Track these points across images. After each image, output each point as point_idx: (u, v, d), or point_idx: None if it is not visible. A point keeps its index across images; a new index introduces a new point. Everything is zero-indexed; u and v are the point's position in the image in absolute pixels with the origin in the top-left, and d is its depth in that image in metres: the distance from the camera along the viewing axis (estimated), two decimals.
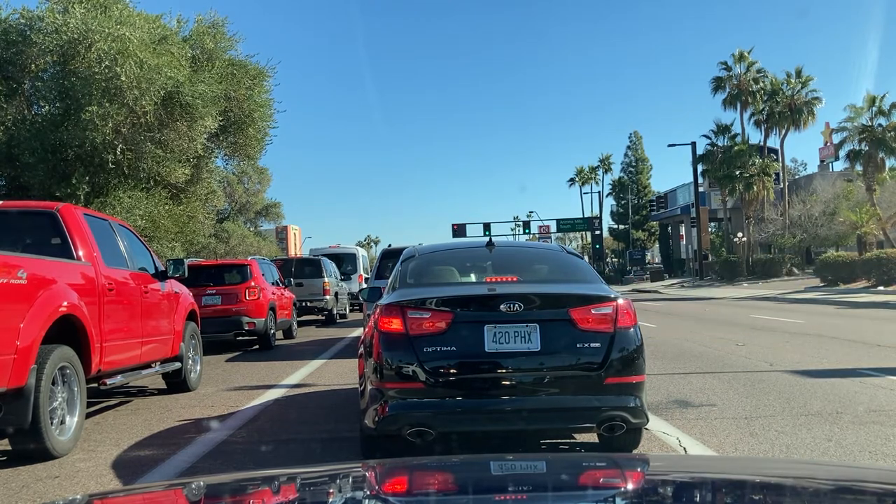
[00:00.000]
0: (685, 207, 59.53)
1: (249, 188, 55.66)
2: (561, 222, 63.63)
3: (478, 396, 4.91)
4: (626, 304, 5.08)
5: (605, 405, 4.88)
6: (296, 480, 2.18)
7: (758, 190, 44.50)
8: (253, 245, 50.05)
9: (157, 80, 16.39)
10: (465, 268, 6.02)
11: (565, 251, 6.38)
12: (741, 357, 10.96)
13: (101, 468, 5.55)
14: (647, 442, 5.62)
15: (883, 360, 10.18)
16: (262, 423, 7.18)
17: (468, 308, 5.00)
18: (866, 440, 5.78)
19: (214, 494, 2.16)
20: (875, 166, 37.39)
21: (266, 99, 20.93)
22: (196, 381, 9.53)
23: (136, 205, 17.85)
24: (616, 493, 2.00)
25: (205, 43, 19.33)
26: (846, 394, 7.69)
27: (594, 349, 4.89)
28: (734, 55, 47.65)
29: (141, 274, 8.08)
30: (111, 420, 7.53)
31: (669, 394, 7.93)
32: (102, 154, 16.96)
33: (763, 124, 47.44)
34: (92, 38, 16.04)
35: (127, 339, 7.40)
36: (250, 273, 14.81)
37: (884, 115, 37.28)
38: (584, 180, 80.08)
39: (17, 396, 5.38)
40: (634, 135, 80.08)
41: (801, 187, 51.38)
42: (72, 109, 16.55)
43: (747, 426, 6.34)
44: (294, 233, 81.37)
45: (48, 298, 5.76)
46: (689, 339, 13.96)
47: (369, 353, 5.14)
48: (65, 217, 6.86)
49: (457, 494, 2.09)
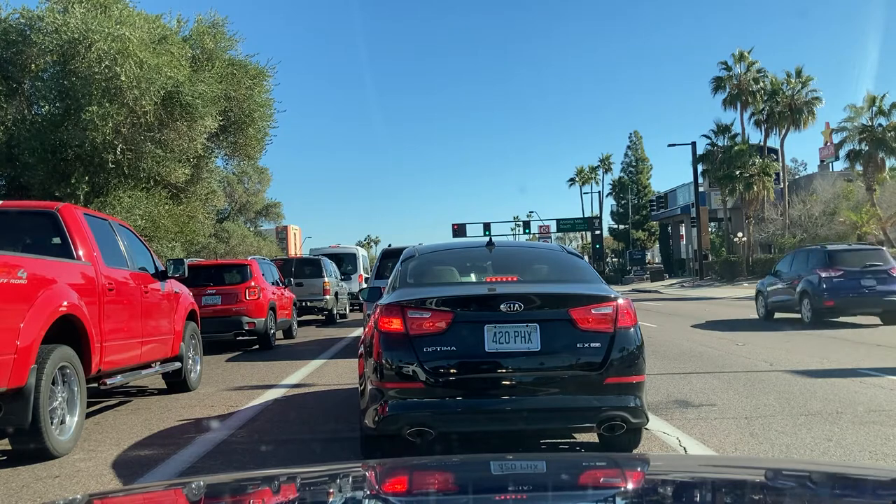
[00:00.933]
0: (685, 207, 59.52)
1: (249, 188, 55.65)
2: (561, 222, 63.60)
3: (478, 396, 4.91)
4: (626, 304, 5.08)
5: (605, 405, 4.88)
6: (296, 480, 2.18)
7: (758, 190, 44.49)
8: (253, 245, 50.03)
9: (157, 79, 16.40)
10: (466, 268, 6.02)
11: (565, 251, 6.38)
12: (741, 357, 10.96)
13: (101, 468, 5.55)
14: (647, 442, 5.62)
15: (883, 359, 10.19)
16: (262, 423, 7.18)
17: (468, 308, 5.00)
18: (866, 440, 5.78)
19: (214, 494, 2.16)
20: (875, 166, 37.43)
21: (266, 99, 20.94)
22: (196, 381, 9.53)
23: (136, 205, 17.85)
24: (616, 493, 2.00)
25: (205, 43, 19.34)
26: (846, 394, 7.69)
27: (594, 349, 4.89)
28: (734, 55, 47.66)
29: (141, 274, 8.08)
30: (111, 420, 7.53)
31: (669, 394, 7.93)
32: (102, 154, 16.97)
33: (763, 124, 47.42)
34: (92, 38, 16.05)
35: (127, 339, 7.40)
36: (250, 273, 14.81)
37: (884, 115, 37.32)
38: (584, 180, 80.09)
39: (17, 396, 5.38)
40: (634, 135, 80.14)
41: (801, 187, 51.37)
42: (72, 109, 16.56)
43: (747, 426, 6.34)
44: (294, 233, 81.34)
45: (48, 298, 5.76)
46: (690, 339, 13.96)
47: (369, 353, 5.14)
48: (65, 217, 6.86)
49: (457, 494, 2.09)
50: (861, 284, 15.57)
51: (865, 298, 15.58)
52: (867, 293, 15.52)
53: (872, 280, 15.58)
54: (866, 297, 15.57)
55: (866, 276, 15.66)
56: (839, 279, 15.65)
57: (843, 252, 16.81)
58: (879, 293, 15.45)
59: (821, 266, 16.15)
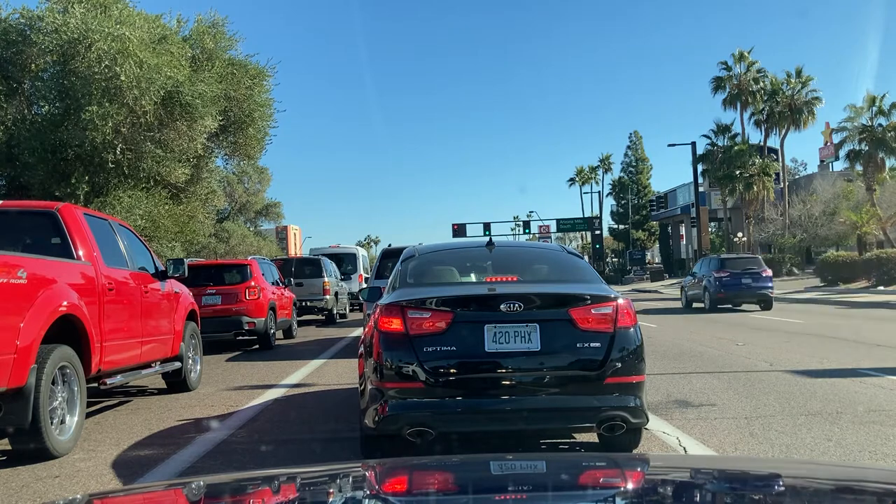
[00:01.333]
0: (685, 207, 59.52)
1: (249, 188, 55.64)
2: (561, 222, 63.58)
3: (478, 396, 4.90)
4: (626, 304, 5.08)
5: (605, 405, 4.88)
6: (296, 480, 2.18)
7: (758, 190, 44.51)
8: (253, 245, 50.01)
9: (157, 79, 16.39)
10: (465, 268, 6.02)
11: (565, 251, 6.38)
12: (741, 357, 10.96)
13: (101, 468, 5.55)
14: (647, 442, 5.62)
15: (883, 360, 10.19)
16: (261, 423, 7.18)
17: (468, 308, 5.00)
18: (866, 440, 5.78)
19: (214, 494, 2.16)
20: (875, 166, 37.42)
21: (266, 99, 20.94)
22: (196, 380, 9.53)
23: (136, 205, 17.84)
24: (616, 493, 2.00)
25: (205, 43, 19.33)
26: (846, 394, 7.69)
27: (594, 349, 4.89)
28: (734, 55, 47.67)
29: (141, 274, 8.07)
30: (111, 420, 7.53)
31: (669, 394, 7.93)
32: (102, 154, 16.96)
33: (763, 124, 47.44)
34: (92, 38, 16.04)
35: (127, 339, 7.40)
36: (250, 273, 14.81)
37: (884, 115, 37.32)
38: (584, 180, 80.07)
39: (17, 396, 5.38)
40: (634, 135, 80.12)
41: (801, 187, 51.38)
42: (72, 109, 16.56)
43: (747, 426, 6.34)
44: (294, 233, 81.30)
45: (48, 298, 5.76)
46: (690, 339, 13.96)
47: (369, 353, 5.14)
48: (65, 217, 6.86)
49: (457, 494, 2.09)
50: (741, 282, 22.10)
51: (745, 291, 22.18)
52: (746, 288, 22.12)
53: (749, 279, 22.13)
54: (745, 291, 22.17)
55: (745, 276, 22.16)
56: (727, 278, 22.23)
57: (730, 259, 24.33)
58: (754, 287, 22.12)
59: (715, 269, 22.70)
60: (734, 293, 22.19)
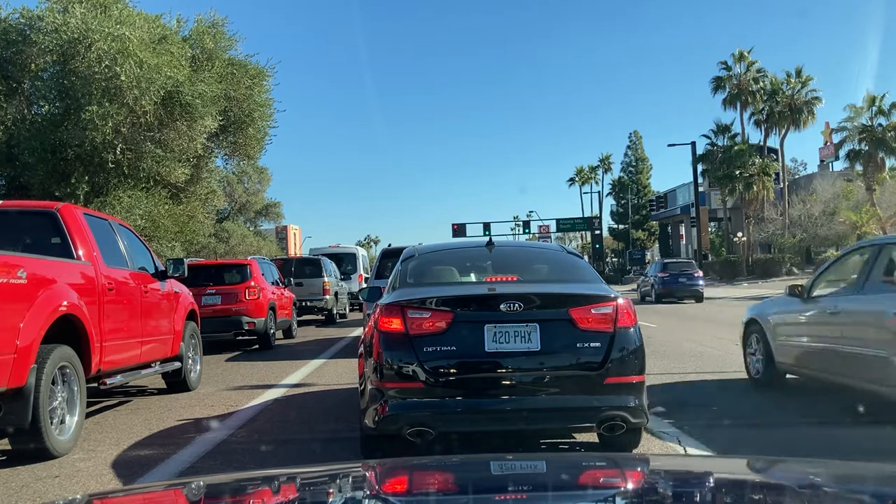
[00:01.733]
0: (685, 207, 59.56)
1: (249, 188, 55.68)
2: (561, 222, 63.61)
3: (478, 396, 4.90)
4: (626, 304, 5.08)
5: (605, 405, 4.88)
6: (296, 480, 2.18)
7: (758, 190, 44.53)
8: (253, 245, 50.04)
9: (157, 79, 16.40)
10: (465, 267, 6.01)
11: (565, 251, 6.38)
12: (741, 357, 10.93)
13: (101, 468, 5.55)
14: (647, 442, 5.62)
15: None
16: (261, 423, 7.18)
17: (468, 308, 5.00)
18: (866, 440, 5.77)
19: (214, 494, 2.16)
20: (875, 166, 37.46)
21: (266, 99, 20.96)
22: (196, 380, 9.53)
23: (136, 204, 17.85)
24: (616, 493, 2.00)
25: (205, 42, 19.34)
26: (846, 394, 7.67)
27: (594, 349, 4.89)
28: (734, 55, 47.71)
29: (141, 274, 8.07)
30: (111, 420, 7.53)
31: (669, 394, 7.93)
32: (102, 154, 16.97)
33: (763, 124, 47.48)
34: (92, 38, 16.05)
35: (127, 339, 7.40)
36: (250, 273, 14.81)
37: (884, 115, 37.35)
38: (584, 180, 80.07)
39: (17, 396, 5.38)
40: (634, 135, 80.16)
41: (801, 187, 51.40)
42: (72, 109, 16.57)
43: (747, 426, 6.33)
44: (294, 233, 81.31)
45: (48, 298, 5.76)
46: (689, 339, 13.96)
47: (369, 353, 5.14)
48: (65, 217, 6.86)
49: (457, 494, 2.09)
50: (679, 281, 28.37)
51: (681, 288, 28.31)
52: (682, 285, 28.28)
53: (685, 278, 28.38)
54: (682, 288, 28.31)
55: (682, 276, 28.49)
56: (668, 277, 28.70)
57: (671, 262, 31.43)
58: (689, 285, 28.23)
59: (660, 271, 29.70)
60: (673, 289, 28.25)
